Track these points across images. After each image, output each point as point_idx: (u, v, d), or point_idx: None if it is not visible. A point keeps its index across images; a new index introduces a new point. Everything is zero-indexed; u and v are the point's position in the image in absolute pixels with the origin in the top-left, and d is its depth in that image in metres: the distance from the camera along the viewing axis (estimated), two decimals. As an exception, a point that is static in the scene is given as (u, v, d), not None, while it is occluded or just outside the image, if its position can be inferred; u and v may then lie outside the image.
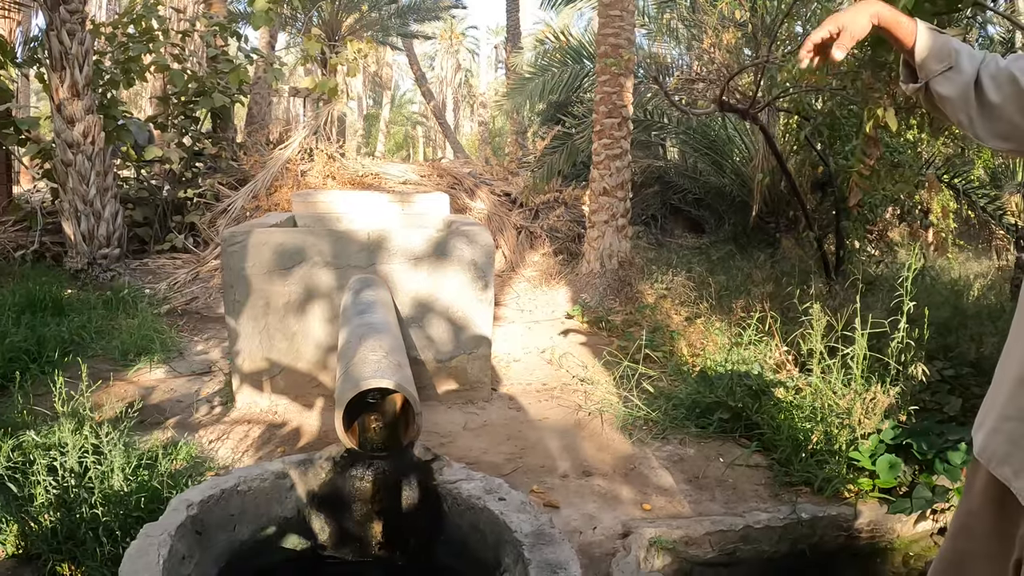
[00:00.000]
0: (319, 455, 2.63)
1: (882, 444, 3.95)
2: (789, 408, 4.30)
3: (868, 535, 3.70)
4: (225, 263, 4.57)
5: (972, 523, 1.86)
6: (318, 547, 2.66)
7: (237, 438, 4.25)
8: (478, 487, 2.50)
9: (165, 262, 8.90)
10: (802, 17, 7.54)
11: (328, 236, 4.63)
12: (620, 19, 7.88)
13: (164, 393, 4.93)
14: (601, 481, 3.85)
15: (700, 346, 5.76)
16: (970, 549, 1.87)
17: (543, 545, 2.18)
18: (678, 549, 3.27)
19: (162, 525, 2.21)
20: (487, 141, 33.25)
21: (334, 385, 4.68)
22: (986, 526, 1.81)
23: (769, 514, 3.54)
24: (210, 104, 10.25)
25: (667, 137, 13.27)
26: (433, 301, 4.74)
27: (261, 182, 9.80)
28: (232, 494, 2.47)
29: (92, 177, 7.78)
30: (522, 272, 9.33)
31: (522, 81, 13.90)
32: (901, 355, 4.27)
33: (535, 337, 6.62)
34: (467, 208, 10.45)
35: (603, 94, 7.95)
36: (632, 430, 4.51)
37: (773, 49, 6.69)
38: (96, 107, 8.01)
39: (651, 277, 7.81)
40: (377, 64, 36.51)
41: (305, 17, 17.38)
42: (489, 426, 4.54)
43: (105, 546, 2.88)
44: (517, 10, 23.55)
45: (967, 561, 1.88)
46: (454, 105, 45.11)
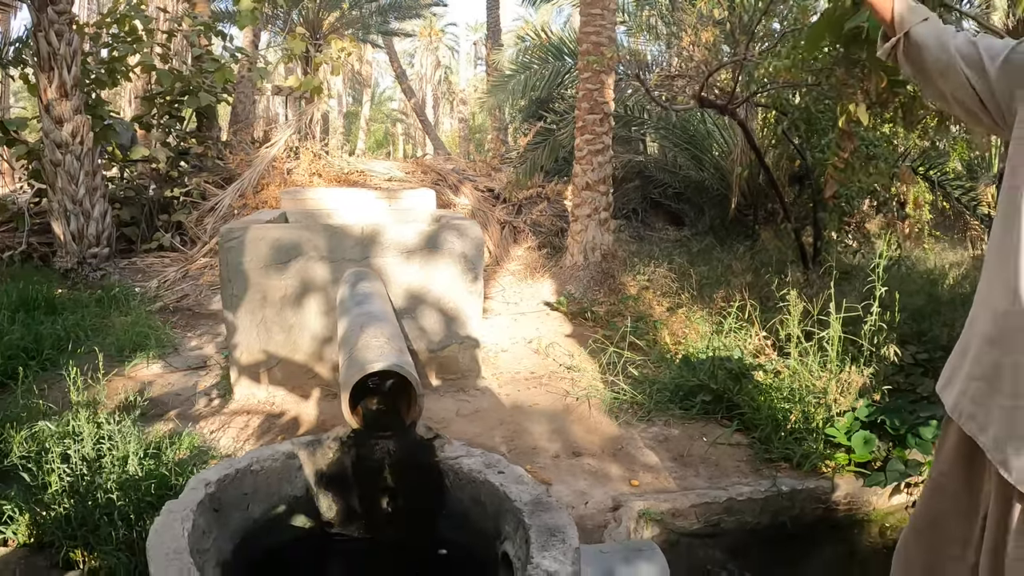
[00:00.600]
0: (326, 436, 2.77)
1: (857, 421, 4.15)
2: (768, 390, 4.49)
3: (846, 507, 3.90)
4: (222, 258, 4.70)
5: (944, 482, 1.99)
6: (326, 525, 2.78)
7: (237, 428, 4.39)
8: (478, 462, 2.64)
9: (153, 261, 8.98)
10: (779, 15, 7.73)
11: (323, 231, 4.77)
12: (601, 17, 8.05)
13: (162, 387, 5.05)
14: (591, 460, 4.03)
15: (682, 335, 5.95)
16: (943, 507, 1.99)
17: (542, 512, 2.32)
18: (665, 521, 3.45)
19: (183, 502, 2.34)
20: (467, 138, 33.36)
21: (331, 376, 4.84)
22: (957, 484, 1.94)
23: (751, 487, 3.74)
24: (196, 103, 10.34)
25: (647, 132, 13.43)
26: (425, 293, 4.89)
27: (248, 180, 9.91)
28: (246, 473, 2.61)
29: (81, 177, 7.88)
30: (507, 266, 9.48)
31: (504, 78, 14.03)
32: (874, 338, 4.47)
33: (521, 328, 6.78)
34: (451, 204, 10.59)
35: (585, 91, 8.12)
36: (618, 413, 4.69)
37: (751, 46, 6.87)
38: (83, 107, 8.09)
39: (633, 269, 7.98)
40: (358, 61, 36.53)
41: (287, 16, 17.44)
42: (481, 412, 4.70)
43: (119, 530, 3.01)
44: (497, 7, 23.65)
45: (940, 519, 2.00)
46: (434, 102, 45.17)
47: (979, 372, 1.83)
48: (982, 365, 1.82)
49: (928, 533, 2.05)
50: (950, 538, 1.98)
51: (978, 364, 1.83)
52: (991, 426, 1.75)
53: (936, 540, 2.03)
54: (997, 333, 1.78)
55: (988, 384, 1.78)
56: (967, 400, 1.86)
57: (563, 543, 2.16)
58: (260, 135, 12.59)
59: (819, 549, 3.77)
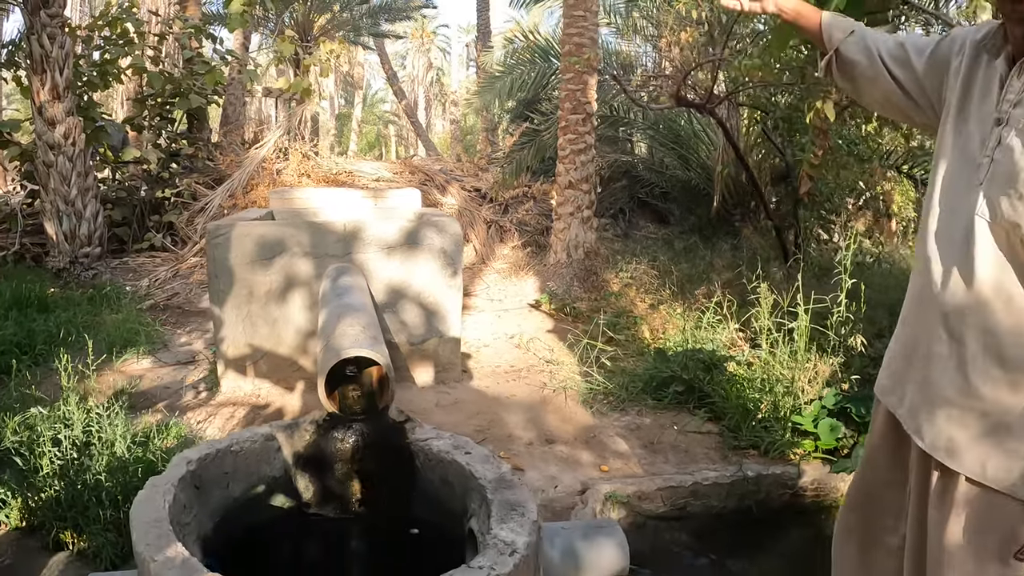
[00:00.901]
0: (303, 419, 2.90)
1: (824, 409, 4.30)
2: (739, 380, 4.64)
3: (813, 493, 4.03)
4: (210, 255, 4.84)
5: (875, 455, 2.10)
6: (303, 505, 2.90)
7: (223, 419, 4.53)
8: (447, 443, 2.77)
9: (144, 260, 9.10)
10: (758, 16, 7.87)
11: (306, 228, 4.91)
12: (583, 19, 8.20)
13: (152, 381, 5.19)
14: (563, 448, 4.18)
15: (662, 330, 6.09)
16: (875, 478, 2.11)
17: (504, 489, 2.46)
18: (632, 503, 3.60)
19: (165, 477, 2.47)
20: (459, 139, 33.48)
21: (314, 368, 4.97)
22: (887, 456, 2.05)
23: (717, 472, 3.88)
24: (187, 105, 10.45)
25: (634, 133, 13.57)
26: (406, 287, 5.03)
27: (238, 181, 10.02)
28: (226, 453, 2.74)
29: (73, 178, 7.99)
30: (492, 264, 9.62)
31: (491, 79, 14.17)
32: (840, 329, 4.62)
33: (504, 324, 6.93)
34: (438, 203, 10.72)
35: (568, 91, 8.26)
36: (593, 403, 4.85)
37: (730, 46, 7.02)
38: (75, 109, 8.21)
39: (616, 267, 8.13)
40: (349, 64, 36.61)
41: (278, 18, 17.54)
42: (460, 403, 4.85)
43: (107, 511, 3.15)
44: (487, 8, 23.79)
45: (873, 490, 2.12)
46: (426, 103, 45.27)
47: (897, 349, 1.96)
48: (899, 342, 1.95)
49: (863, 506, 2.16)
50: (883, 510, 2.09)
51: (897, 341, 1.97)
52: (906, 398, 1.87)
53: (870, 513, 2.13)
54: (909, 310, 1.91)
55: (904, 359, 1.91)
56: (887, 376, 1.99)
57: (522, 516, 2.29)
58: (250, 136, 12.72)
59: (785, 533, 3.88)
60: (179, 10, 13.08)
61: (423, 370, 5.17)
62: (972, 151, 1.72)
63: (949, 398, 1.74)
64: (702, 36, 8.17)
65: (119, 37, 9.71)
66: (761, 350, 4.77)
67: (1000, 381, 1.66)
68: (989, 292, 1.66)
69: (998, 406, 1.66)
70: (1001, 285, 1.64)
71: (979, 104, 1.75)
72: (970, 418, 1.70)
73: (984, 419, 1.68)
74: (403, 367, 5.07)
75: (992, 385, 1.67)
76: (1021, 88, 1.64)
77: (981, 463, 1.69)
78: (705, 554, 3.62)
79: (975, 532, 1.71)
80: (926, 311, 1.81)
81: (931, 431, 1.78)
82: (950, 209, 1.76)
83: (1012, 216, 1.60)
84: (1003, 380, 1.65)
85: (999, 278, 1.64)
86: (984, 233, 1.65)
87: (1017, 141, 1.60)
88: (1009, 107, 1.65)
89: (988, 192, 1.65)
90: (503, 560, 2.04)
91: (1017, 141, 1.60)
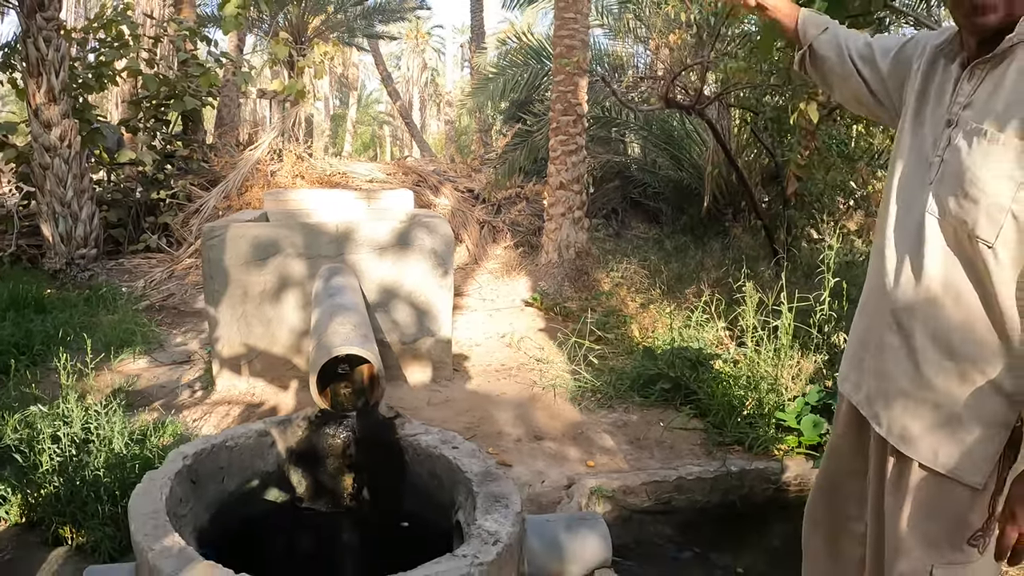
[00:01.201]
0: (296, 415, 2.98)
1: (807, 406, 4.39)
2: (725, 377, 4.74)
3: (796, 488, 4.10)
4: (205, 256, 4.92)
5: (839, 443, 2.17)
6: (296, 499, 2.98)
7: (218, 417, 4.61)
8: (435, 438, 2.86)
9: (140, 262, 9.17)
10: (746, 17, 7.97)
11: (300, 229, 5.00)
12: (574, 21, 8.28)
13: (148, 380, 5.26)
14: (551, 444, 4.27)
15: (651, 328, 6.19)
16: (839, 467, 2.18)
17: (490, 481, 2.54)
18: (617, 498, 3.69)
19: (162, 471, 2.55)
20: (453, 139, 33.54)
21: (308, 367, 5.05)
22: (850, 445, 2.12)
23: (701, 467, 3.97)
24: (182, 107, 10.51)
25: (627, 133, 13.65)
26: (397, 287, 5.12)
27: (232, 182, 10.10)
28: (221, 449, 2.82)
29: (69, 180, 8.06)
30: (485, 264, 9.71)
31: (485, 80, 14.25)
32: (823, 326, 4.72)
33: (496, 324, 7.02)
34: (431, 204, 10.81)
35: (559, 93, 8.35)
36: (581, 401, 4.94)
37: (718, 48, 7.11)
38: (71, 111, 8.28)
39: (608, 266, 8.22)
40: (343, 65, 36.66)
41: (272, 19, 17.61)
42: (450, 401, 4.94)
43: (105, 505, 3.23)
44: (481, 10, 23.89)
45: (837, 479, 2.19)
46: (420, 104, 45.29)
47: (855, 339, 2.04)
48: (856, 332, 2.03)
49: (829, 494, 2.23)
50: (847, 498, 2.16)
51: (854, 332, 2.05)
52: (863, 386, 1.95)
53: (835, 500, 2.20)
54: (866, 301, 2.00)
55: (861, 348, 1.99)
56: (846, 364, 2.08)
57: (506, 508, 2.37)
58: (244, 138, 12.78)
59: (768, 527, 3.94)
60: (174, 12, 13.15)
61: (415, 369, 5.26)
62: (925, 151, 1.81)
63: (903, 388, 1.82)
64: (691, 38, 8.26)
65: (114, 39, 9.77)
66: (747, 348, 4.86)
67: (951, 372, 1.74)
68: (938, 287, 1.74)
69: (949, 397, 1.75)
70: (950, 280, 1.72)
71: (934, 107, 1.84)
72: (923, 408, 1.79)
73: (937, 409, 1.77)
74: (395, 366, 5.15)
75: (944, 376, 1.75)
76: (970, 91, 1.72)
77: (934, 451, 1.77)
78: (689, 547, 3.69)
79: (928, 518, 1.80)
80: (880, 303, 1.89)
81: (887, 418, 1.86)
82: (905, 207, 1.84)
83: (959, 214, 1.68)
84: (953, 371, 1.74)
85: (948, 274, 1.73)
86: (934, 230, 1.74)
87: (964, 142, 1.69)
88: (959, 109, 1.73)
89: (937, 191, 1.73)
90: (486, 549, 2.12)
91: (964, 142, 1.69)
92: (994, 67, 1.69)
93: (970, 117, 1.70)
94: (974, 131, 1.67)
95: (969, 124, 1.69)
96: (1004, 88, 1.66)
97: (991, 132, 1.64)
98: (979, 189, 1.65)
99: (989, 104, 1.68)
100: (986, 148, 1.64)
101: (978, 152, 1.66)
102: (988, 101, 1.68)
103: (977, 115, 1.69)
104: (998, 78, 1.68)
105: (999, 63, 1.68)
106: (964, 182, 1.67)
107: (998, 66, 1.68)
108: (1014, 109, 1.62)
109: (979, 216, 1.65)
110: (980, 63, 1.71)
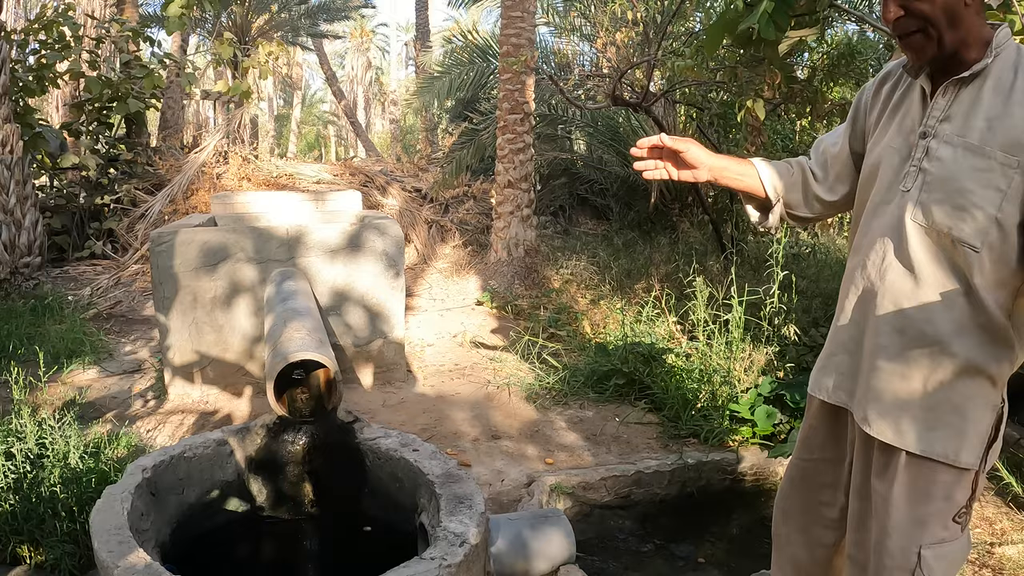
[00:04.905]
0: (254, 423, 2.96)
1: (760, 397, 4.48)
2: (678, 371, 4.80)
3: (752, 478, 4.20)
4: (153, 262, 4.86)
5: (811, 435, 2.23)
6: (257, 508, 2.96)
7: (173, 426, 4.56)
8: (395, 441, 2.87)
9: (85, 269, 9.03)
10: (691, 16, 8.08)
11: (250, 233, 4.96)
12: (521, 20, 8.31)
13: (99, 391, 5.18)
14: (508, 443, 4.30)
15: (603, 325, 6.25)
16: (812, 457, 2.24)
17: (452, 483, 2.56)
18: (577, 494, 3.73)
19: (122, 485, 2.52)
20: (398, 139, 33.42)
21: (261, 373, 5.02)
22: (822, 437, 2.19)
23: (658, 460, 4.03)
24: (125, 110, 10.34)
25: (573, 130, 13.72)
26: (349, 290, 5.10)
27: (178, 186, 9.97)
28: (180, 460, 2.80)
29: (11, 186, 7.88)
30: (434, 264, 9.71)
31: (430, 79, 14.22)
32: (774, 319, 4.80)
33: (447, 323, 7.03)
34: (380, 205, 10.78)
35: (506, 92, 8.38)
36: (536, 399, 4.98)
37: (665, 46, 7.18)
38: (12, 116, 8.10)
39: (557, 264, 8.27)
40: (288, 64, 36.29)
41: (215, 19, 17.39)
42: (406, 402, 4.94)
43: (64, 522, 3.17)
44: (426, 8, 23.81)
45: (810, 468, 2.25)
46: (365, 103, 44.94)
47: (837, 346, 2.09)
48: (838, 340, 2.09)
49: (800, 482, 2.29)
50: (820, 485, 2.22)
51: (835, 340, 2.11)
52: (856, 390, 2.01)
53: (808, 489, 2.26)
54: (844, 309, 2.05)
55: (845, 354, 2.05)
56: (828, 372, 2.12)
57: (470, 508, 2.39)
58: (189, 140, 12.60)
59: (726, 517, 4.03)
60: (116, 13, 12.92)
61: (368, 371, 5.25)
62: (897, 161, 1.90)
63: (894, 387, 1.91)
64: (637, 36, 8.34)
65: (56, 41, 9.59)
66: (698, 342, 4.94)
67: (940, 365, 1.84)
68: (923, 288, 1.84)
69: (939, 387, 1.84)
70: (935, 281, 1.82)
71: (901, 118, 1.94)
72: (914, 401, 1.88)
73: (927, 400, 1.86)
74: (349, 369, 5.14)
75: (933, 370, 1.85)
76: (945, 106, 1.82)
77: (927, 440, 1.86)
78: (650, 539, 3.75)
79: (918, 500, 1.88)
80: (864, 308, 1.97)
81: (878, 418, 1.93)
82: (881, 215, 1.93)
83: (945, 221, 1.78)
84: (942, 364, 1.84)
85: (933, 275, 1.82)
86: (917, 236, 1.83)
87: (947, 153, 1.79)
88: (936, 123, 1.83)
89: (921, 199, 1.82)
90: (453, 551, 2.14)
91: (947, 153, 1.79)
92: (967, 84, 1.79)
93: (952, 130, 1.80)
94: (959, 144, 1.77)
95: (952, 137, 1.79)
96: (982, 104, 1.76)
97: (976, 145, 1.74)
98: (967, 200, 1.75)
99: (969, 119, 1.77)
100: (972, 160, 1.75)
101: (965, 164, 1.76)
102: (968, 116, 1.78)
103: (959, 129, 1.78)
104: (974, 94, 1.78)
105: (971, 80, 1.78)
106: (952, 192, 1.77)
107: (971, 83, 1.79)
108: (996, 124, 1.73)
109: (966, 224, 1.75)
110: (954, 81, 1.80)
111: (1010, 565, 3.20)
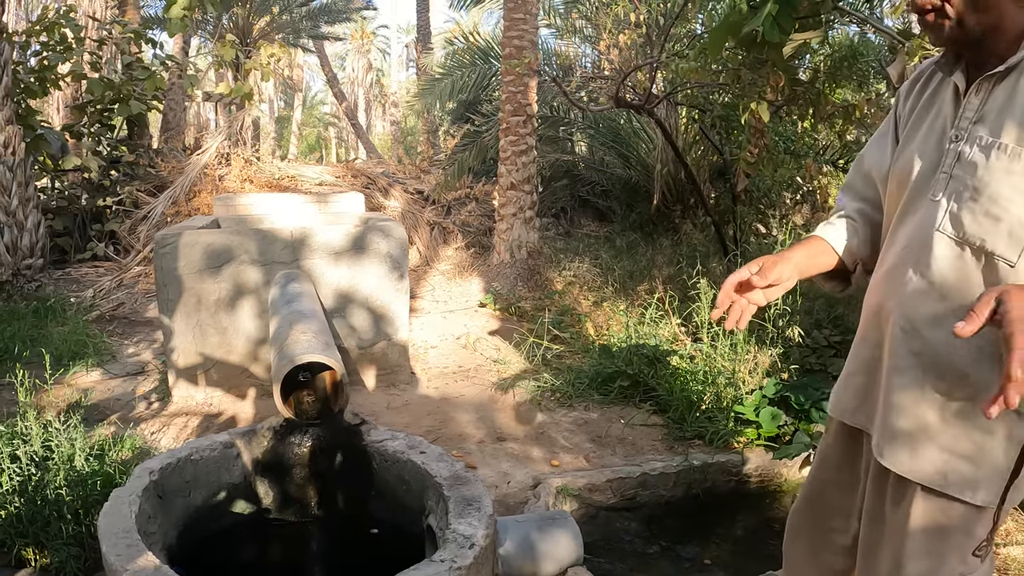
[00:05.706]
0: (261, 425, 2.96)
1: (764, 399, 4.47)
2: (683, 373, 4.80)
3: (757, 479, 4.20)
4: (157, 264, 4.86)
5: (828, 454, 2.11)
6: (263, 511, 2.97)
7: (177, 428, 4.56)
8: (402, 444, 2.86)
9: (88, 271, 9.02)
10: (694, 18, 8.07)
11: (254, 235, 4.96)
12: (523, 22, 8.31)
13: (102, 393, 5.18)
14: (514, 445, 4.30)
15: (606, 326, 6.24)
16: (826, 478, 2.12)
17: (460, 485, 2.56)
18: (583, 496, 3.73)
19: (129, 488, 2.52)
20: (399, 140, 33.42)
21: (266, 375, 5.02)
22: (838, 456, 2.06)
23: (664, 462, 4.03)
24: (127, 112, 10.33)
25: (575, 132, 13.72)
26: (354, 292, 5.10)
27: (180, 188, 9.97)
28: (186, 462, 2.79)
29: (14, 188, 7.88)
30: (437, 266, 9.71)
31: (432, 81, 14.22)
32: (778, 321, 4.80)
33: (450, 325, 7.03)
34: (382, 207, 10.78)
35: (508, 93, 8.38)
36: (541, 400, 4.98)
37: (668, 48, 7.18)
38: (14, 117, 8.10)
39: (559, 265, 8.28)
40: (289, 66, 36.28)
41: (217, 21, 17.38)
42: (410, 404, 4.94)
43: (69, 525, 3.17)
44: (427, 9, 23.80)
45: (825, 490, 2.13)
46: (366, 105, 44.93)
47: (858, 367, 1.96)
48: (859, 359, 1.95)
49: (814, 503, 2.17)
50: (833, 508, 2.10)
51: (856, 359, 1.97)
52: (875, 415, 1.87)
53: (820, 510, 2.14)
54: (867, 328, 1.93)
55: (866, 376, 1.91)
56: (847, 394, 1.99)
57: (478, 511, 2.39)
58: (191, 142, 12.61)
59: (732, 518, 4.03)
60: (117, 14, 12.92)
61: (372, 373, 5.25)
62: (927, 168, 1.74)
63: (914, 415, 1.75)
64: (640, 38, 8.33)
65: (58, 42, 9.58)
66: (702, 343, 4.93)
67: (965, 394, 1.68)
68: (951, 308, 1.66)
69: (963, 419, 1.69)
70: (964, 300, 1.62)
71: (933, 118, 1.78)
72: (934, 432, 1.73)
73: (948, 431, 1.71)
74: (353, 371, 5.14)
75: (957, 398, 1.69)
76: (978, 105, 1.65)
77: (943, 474, 1.71)
78: (656, 541, 3.74)
79: (933, 535, 1.75)
80: (888, 328, 1.81)
81: (892, 451, 1.79)
82: (910, 226, 1.78)
83: (977, 231, 1.62)
84: (967, 393, 1.67)
85: (961, 294, 1.65)
86: (946, 249, 1.67)
87: (980, 157, 1.61)
88: (968, 124, 1.66)
89: (950, 208, 1.66)
90: (463, 553, 2.14)
91: (980, 157, 1.61)
92: (1000, 80, 1.63)
93: (984, 131, 1.63)
94: (991, 145, 1.60)
95: (984, 139, 1.62)
96: (1018, 102, 1.58)
97: (1011, 146, 1.57)
98: (1000, 207, 1.58)
99: (1003, 117, 1.60)
100: (1006, 164, 1.57)
101: (997, 167, 1.58)
102: (1001, 114, 1.61)
103: (992, 129, 1.61)
104: (1009, 90, 1.61)
105: (1006, 76, 1.61)
106: (983, 199, 1.60)
107: (1005, 78, 1.62)
108: None
109: (999, 234, 1.59)
110: (987, 77, 1.64)
111: (1015, 566, 3.20)
